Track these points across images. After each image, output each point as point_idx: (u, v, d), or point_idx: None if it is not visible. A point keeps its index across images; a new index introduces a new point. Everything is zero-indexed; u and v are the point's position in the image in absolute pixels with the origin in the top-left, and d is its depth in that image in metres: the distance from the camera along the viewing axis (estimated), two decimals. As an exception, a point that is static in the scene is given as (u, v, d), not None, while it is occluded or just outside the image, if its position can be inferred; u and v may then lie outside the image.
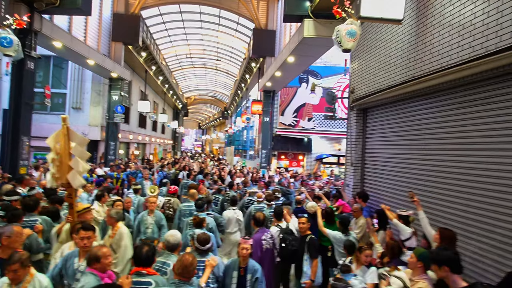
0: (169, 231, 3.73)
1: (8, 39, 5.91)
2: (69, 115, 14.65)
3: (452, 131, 4.47)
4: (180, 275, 2.68)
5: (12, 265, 2.57)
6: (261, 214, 4.46)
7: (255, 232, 4.47)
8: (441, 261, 2.69)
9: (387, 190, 6.14)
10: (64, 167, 3.63)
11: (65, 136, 3.63)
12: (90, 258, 2.72)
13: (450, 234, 3.44)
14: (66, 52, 11.04)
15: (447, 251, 2.79)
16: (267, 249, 4.29)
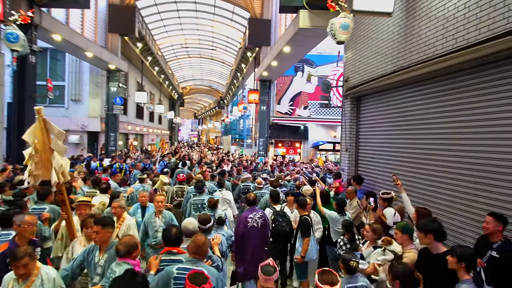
0: (186, 219, 3.87)
1: (14, 34, 6.12)
2: (69, 107, 14.90)
3: (437, 116, 4.84)
4: (194, 254, 2.83)
5: (21, 260, 2.48)
6: (252, 194, 4.81)
7: (246, 210, 4.82)
8: (428, 230, 3.12)
9: (379, 173, 6.54)
10: (45, 163, 3.37)
11: (42, 130, 3.33)
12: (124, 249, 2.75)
13: (426, 212, 3.85)
14: (65, 44, 11.18)
15: (433, 222, 3.23)
16: (252, 226, 4.50)
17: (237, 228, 4.64)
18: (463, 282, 2.68)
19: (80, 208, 3.97)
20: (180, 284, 2.61)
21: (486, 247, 3.21)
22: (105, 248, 3.04)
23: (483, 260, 3.15)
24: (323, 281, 2.38)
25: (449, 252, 2.91)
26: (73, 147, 14.96)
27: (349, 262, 2.87)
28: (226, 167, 10.30)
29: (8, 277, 2.59)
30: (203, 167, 8.54)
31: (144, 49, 19.39)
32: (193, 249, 2.84)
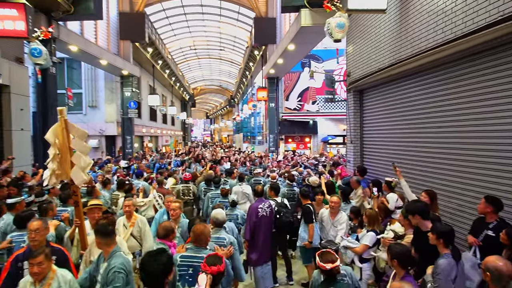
0: (215, 210, 3.98)
1: (38, 49, 6.70)
2: (87, 113, 15.63)
3: (436, 105, 5.08)
4: (195, 242, 3.00)
5: (37, 258, 2.52)
6: (260, 186, 5.20)
7: (255, 201, 5.20)
8: (414, 211, 3.44)
9: (383, 163, 6.82)
10: (66, 163, 3.38)
11: (63, 130, 3.36)
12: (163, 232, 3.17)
13: (433, 193, 4.11)
14: (81, 54, 11.81)
15: (418, 203, 3.55)
16: (262, 216, 4.87)
17: (249, 218, 5.00)
18: (442, 256, 2.95)
19: (93, 211, 3.89)
20: (183, 270, 2.88)
21: (482, 227, 3.48)
22: (107, 256, 2.84)
23: (479, 239, 3.43)
24: (324, 260, 2.65)
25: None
26: (92, 151, 15.72)
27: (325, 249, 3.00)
28: (225, 164, 10.76)
29: (24, 281, 2.61)
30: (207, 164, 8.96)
31: (155, 53, 19.99)
32: (193, 238, 3.02)
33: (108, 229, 2.92)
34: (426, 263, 3.18)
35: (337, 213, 4.71)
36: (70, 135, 3.40)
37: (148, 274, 2.21)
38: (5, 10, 6.36)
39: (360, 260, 4.08)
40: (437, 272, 2.92)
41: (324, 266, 2.60)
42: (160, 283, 2.20)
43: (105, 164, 11.20)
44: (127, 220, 4.24)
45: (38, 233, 2.97)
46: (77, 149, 3.45)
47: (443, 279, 2.86)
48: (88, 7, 9.33)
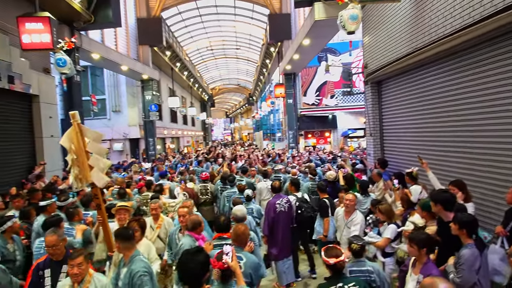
0: (235, 207, 4.13)
1: (63, 60, 7.07)
2: (111, 118, 16.23)
3: (456, 93, 4.93)
4: (235, 241, 3.08)
5: (76, 259, 2.56)
6: (277, 182, 5.25)
7: (272, 197, 5.26)
8: (437, 200, 3.38)
9: (405, 154, 6.67)
10: (84, 167, 3.39)
11: (77, 134, 3.37)
12: (191, 225, 3.37)
13: (461, 182, 3.99)
14: (103, 61, 12.30)
15: (445, 193, 3.47)
16: (280, 211, 4.95)
17: (268, 214, 5.09)
18: (465, 247, 2.90)
19: (120, 213, 3.94)
20: None
21: (510, 217, 3.39)
22: (127, 261, 2.83)
23: (507, 229, 3.34)
24: (328, 255, 2.61)
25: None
26: (117, 154, 16.35)
27: (351, 244, 2.98)
28: (240, 162, 10.89)
29: (62, 285, 2.68)
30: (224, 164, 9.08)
31: (173, 56, 20.42)
32: (233, 237, 3.13)
33: (128, 233, 2.92)
34: (449, 254, 3.13)
35: (352, 212, 4.42)
36: (85, 139, 3.41)
37: (187, 272, 2.22)
38: (32, 24, 6.73)
39: (382, 255, 4.04)
40: (460, 262, 2.87)
41: (327, 261, 2.57)
42: (198, 281, 2.22)
43: (130, 166, 11.63)
44: (154, 222, 4.27)
45: (55, 248, 3.01)
46: (94, 152, 3.45)
47: (466, 270, 2.81)
48: (107, 15, 9.70)
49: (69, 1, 8.40)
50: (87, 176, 3.40)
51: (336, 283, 2.53)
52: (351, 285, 2.52)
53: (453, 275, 2.92)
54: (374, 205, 4.65)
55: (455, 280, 2.88)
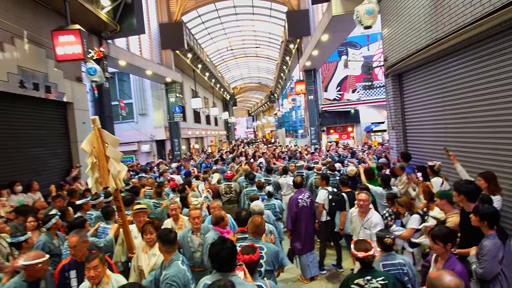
0: (252, 202, 4.25)
1: (93, 68, 7.56)
2: (138, 121, 16.92)
3: (479, 83, 4.82)
4: (254, 233, 3.21)
5: (92, 262, 2.62)
6: (299, 178, 5.37)
7: (294, 192, 5.38)
8: (460, 190, 3.40)
9: (428, 147, 6.57)
10: (104, 170, 3.49)
11: (98, 138, 3.47)
12: (215, 220, 3.55)
13: (490, 174, 3.89)
14: (129, 67, 12.89)
15: (469, 184, 3.46)
16: (302, 206, 5.11)
17: (290, 209, 5.24)
18: (487, 237, 2.91)
19: (139, 215, 3.97)
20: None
21: None
22: (167, 264, 2.86)
23: None
24: (358, 249, 2.61)
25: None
26: (145, 155, 17.04)
27: (384, 239, 2.90)
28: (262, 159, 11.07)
29: (83, 287, 2.77)
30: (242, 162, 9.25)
31: (194, 58, 20.93)
32: (252, 229, 3.22)
33: (169, 236, 2.87)
34: (471, 244, 3.14)
35: (367, 212, 4.15)
36: (105, 143, 3.50)
37: (220, 260, 2.37)
38: (65, 36, 7.25)
39: (410, 245, 4.06)
40: (482, 253, 2.88)
41: (356, 254, 2.58)
42: (231, 265, 2.39)
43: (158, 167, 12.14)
44: (174, 223, 4.25)
45: (77, 249, 3.09)
46: (111, 156, 3.50)
47: (489, 260, 2.82)
48: (131, 24, 10.18)
49: (97, 13, 8.91)
50: (107, 179, 3.48)
51: (364, 276, 2.55)
52: (379, 279, 2.51)
53: (475, 265, 2.94)
54: (389, 199, 4.69)
55: (477, 271, 2.90)
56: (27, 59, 7.12)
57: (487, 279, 2.89)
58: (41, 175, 7.69)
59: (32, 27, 7.51)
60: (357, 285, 2.53)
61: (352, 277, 2.64)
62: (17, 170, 7.03)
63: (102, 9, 9.34)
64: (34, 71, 7.35)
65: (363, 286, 2.51)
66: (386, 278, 2.54)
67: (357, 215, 4.24)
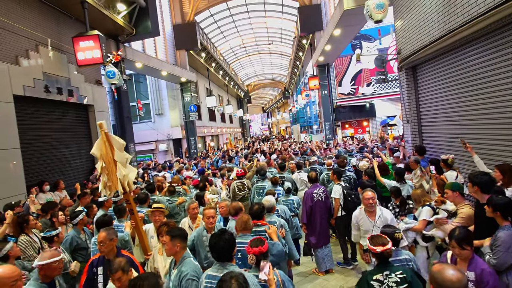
0: (265, 197, 4.30)
1: (112, 72, 7.87)
2: (155, 121, 17.33)
3: (491, 74, 4.77)
4: (243, 230, 3.34)
5: (115, 274, 2.60)
6: (313, 173, 5.45)
7: (309, 187, 5.46)
8: (475, 182, 3.41)
9: (444, 139, 6.50)
10: (113, 174, 3.51)
11: (105, 143, 3.48)
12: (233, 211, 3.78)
13: (506, 167, 3.79)
14: (145, 69, 13.25)
15: (483, 176, 3.47)
16: (318, 200, 5.21)
17: (305, 203, 5.33)
18: (502, 228, 2.91)
19: (155, 214, 3.98)
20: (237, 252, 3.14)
21: None
22: (178, 262, 2.83)
23: None
24: (375, 244, 2.60)
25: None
26: (163, 154, 17.47)
27: (394, 235, 2.87)
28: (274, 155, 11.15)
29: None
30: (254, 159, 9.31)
31: (208, 57, 21.18)
32: (241, 226, 3.34)
33: (185, 232, 2.92)
34: (486, 236, 3.16)
35: (375, 210, 3.97)
36: (113, 147, 3.51)
37: (218, 250, 2.53)
38: (85, 42, 7.59)
39: (423, 239, 4.04)
40: (496, 244, 2.90)
41: (374, 249, 2.57)
42: (229, 255, 2.54)
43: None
44: (192, 222, 4.23)
45: (104, 245, 3.14)
46: (119, 161, 3.53)
47: (503, 251, 2.83)
48: (147, 27, 10.47)
49: (114, 18, 9.24)
50: (116, 183, 3.51)
51: (383, 271, 2.54)
52: (398, 273, 2.51)
53: (489, 256, 2.96)
54: (393, 192, 4.71)
55: (491, 262, 2.92)
56: (50, 65, 7.51)
57: (500, 269, 2.90)
58: (66, 175, 8.10)
59: (54, 34, 7.89)
60: (376, 280, 2.53)
61: (371, 273, 2.63)
62: (44, 170, 7.45)
63: (118, 14, 9.66)
64: (58, 76, 7.74)
65: (383, 281, 2.51)
66: (404, 272, 2.53)
67: (366, 216, 4.01)
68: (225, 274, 2.11)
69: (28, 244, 3.95)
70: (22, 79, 6.67)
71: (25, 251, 3.86)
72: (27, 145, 6.85)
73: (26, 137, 6.81)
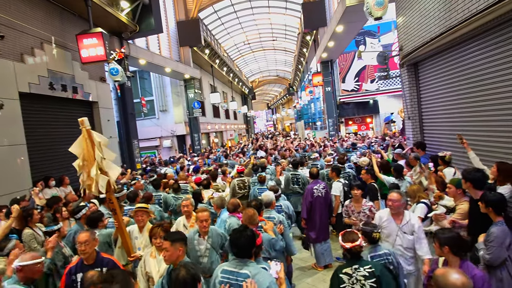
0: (264, 193, 4.33)
1: (115, 69, 7.98)
2: (159, 117, 17.46)
3: (493, 71, 4.75)
4: (249, 224, 3.29)
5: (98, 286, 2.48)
6: (315, 169, 5.49)
7: (310, 183, 5.52)
8: (468, 178, 3.45)
9: (445, 136, 6.50)
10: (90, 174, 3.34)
11: (86, 140, 3.33)
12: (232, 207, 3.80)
13: (506, 166, 3.78)
14: (149, 66, 13.36)
15: (476, 172, 3.51)
16: (318, 196, 5.26)
17: (305, 198, 5.40)
18: (495, 224, 2.96)
19: (137, 214, 3.81)
20: None
21: None
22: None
23: None
24: (345, 240, 2.66)
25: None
26: (167, 150, 17.63)
27: (372, 234, 2.90)
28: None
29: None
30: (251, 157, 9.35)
31: (211, 54, 21.23)
32: (247, 220, 3.38)
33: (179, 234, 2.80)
34: (479, 232, 3.20)
35: (401, 213, 3.55)
36: (94, 144, 3.35)
37: (239, 247, 2.48)
38: (88, 39, 7.69)
39: None
40: (490, 239, 2.94)
41: (344, 245, 2.64)
42: (249, 252, 2.51)
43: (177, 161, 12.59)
44: (186, 221, 4.08)
45: (88, 245, 2.98)
46: (98, 159, 3.35)
47: (496, 246, 2.87)
48: (150, 24, 10.56)
49: (117, 15, 9.33)
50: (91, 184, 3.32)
51: (352, 265, 2.61)
52: (367, 268, 2.58)
53: (482, 252, 3.00)
54: (390, 189, 4.73)
55: (485, 257, 2.96)
56: (55, 62, 7.63)
57: (494, 264, 2.95)
58: (71, 170, 8.17)
59: (59, 32, 8.01)
60: (345, 274, 2.61)
61: (341, 267, 2.71)
62: (50, 166, 7.60)
63: (122, 11, 9.75)
64: (62, 73, 7.87)
65: (351, 274, 2.59)
66: (373, 266, 2.59)
67: (391, 218, 3.59)
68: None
69: (32, 237, 4.07)
70: (27, 76, 6.80)
71: (30, 244, 3.97)
72: (32, 141, 6.99)
73: (31, 133, 6.95)
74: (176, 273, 2.09)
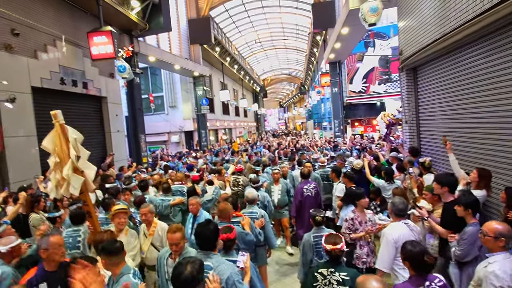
0: (247, 190, 4.55)
1: (123, 66, 8.32)
2: (168, 113, 17.87)
3: (491, 77, 4.75)
4: (220, 218, 3.60)
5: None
6: (306, 169, 5.67)
7: (300, 182, 5.70)
8: (444, 183, 3.59)
9: (441, 141, 6.51)
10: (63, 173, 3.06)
11: (59, 135, 3.07)
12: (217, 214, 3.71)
13: (486, 173, 3.93)
14: (158, 63, 13.72)
15: (450, 176, 3.65)
16: (307, 195, 5.45)
17: (295, 197, 5.62)
18: (470, 225, 3.10)
19: (119, 216, 3.64)
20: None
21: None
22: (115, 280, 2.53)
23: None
24: (327, 242, 2.75)
25: (455, 201, 3.33)
26: (175, 145, 18.04)
27: (315, 217, 3.47)
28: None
29: None
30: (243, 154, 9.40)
31: (222, 51, 21.48)
32: (218, 213, 3.63)
33: (114, 246, 2.57)
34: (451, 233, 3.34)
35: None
36: (69, 140, 3.09)
37: (203, 239, 2.61)
38: (98, 37, 8.06)
39: None
40: (463, 237, 3.10)
41: (325, 247, 2.72)
42: (212, 244, 2.65)
43: (184, 156, 12.94)
44: (146, 229, 3.86)
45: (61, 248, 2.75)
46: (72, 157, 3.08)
47: (468, 244, 3.05)
48: (159, 22, 10.89)
49: (127, 14, 9.68)
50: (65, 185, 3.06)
51: (329, 267, 2.70)
52: (342, 274, 2.63)
53: (454, 248, 3.16)
54: (373, 193, 4.97)
55: (456, 253, 3.13)
56: (66, 59, 8.03)
57: (463, 260, 3.11)
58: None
59: (71, 29, 8.40)
60: (320, 274, 2.71)
61: (318, 265, 2.81)
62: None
63: (132, 10, 10.10)
64: (73, 69, 8.27)
65: (326, 276, 2.68)
66: (349, 275, 2.62)
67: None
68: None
69: (41, 221, 4.42)
70: (39, 72, 7.20)
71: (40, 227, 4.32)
72: (43, 133, 7.35)
73: (42, 125, 7.36)
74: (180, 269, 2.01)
